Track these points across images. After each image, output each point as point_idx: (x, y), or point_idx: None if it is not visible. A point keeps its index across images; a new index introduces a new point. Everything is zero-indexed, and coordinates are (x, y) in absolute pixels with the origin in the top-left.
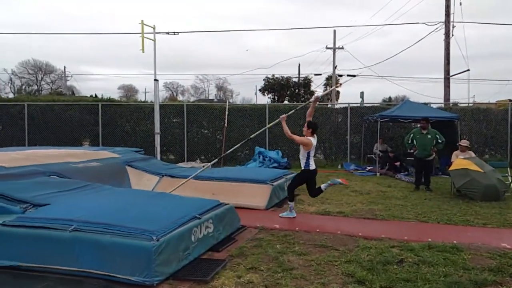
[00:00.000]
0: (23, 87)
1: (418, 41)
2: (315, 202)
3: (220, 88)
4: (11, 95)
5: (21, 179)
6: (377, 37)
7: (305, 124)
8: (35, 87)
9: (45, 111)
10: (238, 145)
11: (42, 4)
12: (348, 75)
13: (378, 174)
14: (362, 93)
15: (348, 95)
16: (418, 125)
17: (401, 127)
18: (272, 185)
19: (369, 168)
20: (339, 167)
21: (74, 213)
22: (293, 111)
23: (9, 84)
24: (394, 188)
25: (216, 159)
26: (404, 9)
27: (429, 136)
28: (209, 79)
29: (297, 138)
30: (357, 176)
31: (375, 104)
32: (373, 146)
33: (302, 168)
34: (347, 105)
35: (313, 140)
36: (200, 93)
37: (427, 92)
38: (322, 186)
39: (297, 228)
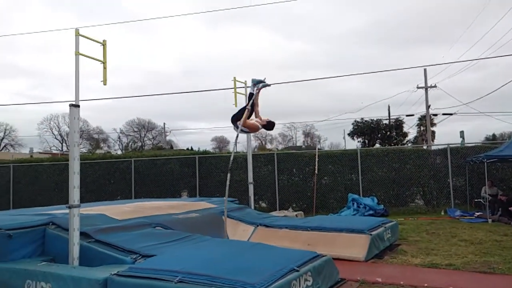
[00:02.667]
0: (130, 144)
1: None
2: (419, 253)
3: (307, 134)
4: (119, 152)
5: (131, 230)
6: (473, 72)
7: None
8: (139, 144)
9: (149, 166)
10: None
11: (145, 69)
12: (443, 114)
13: (489, 220)
14: (462, 132)
15: (446, 135)
16: None
17: None
18: (371, 234)
19: (477, 214)
20: (442, 213)
21: (179, 264)
22: (251, 102)
23: (118, 142)
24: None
25: None
26: (502, 40)
27: None
28: (296, 127)
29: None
30: (464, 223)
31: (478, 144)
32: (480, 189)
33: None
34: (446, 146)
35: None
36: (288, 140)
37: None
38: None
39: (402, 282)
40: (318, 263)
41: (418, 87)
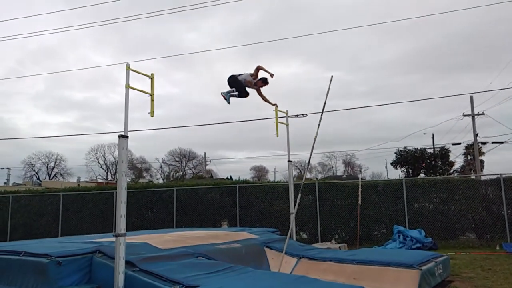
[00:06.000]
0: (171, 173)
1: None
2: None
3: (347, 163)
4: (161, 181)
5: (174, 260)
6: None
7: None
8: (180, 173)
9: (190, 195)
10: None
11: (186, 100)
12: (493, 142)
13: None
14: None
15: (497, 164)
16: None
17: None
18: (421, 269)
19: None
20: (498, 248)
21: None
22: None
23: (160, 171)
24: None
25: None
26: None
27: None
28: (336, 156)
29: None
30: None
31: None
32: None
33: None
34: (498, 176)
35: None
36: (328, 170)
37: None
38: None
39: None
40: None
41: (464, 115)
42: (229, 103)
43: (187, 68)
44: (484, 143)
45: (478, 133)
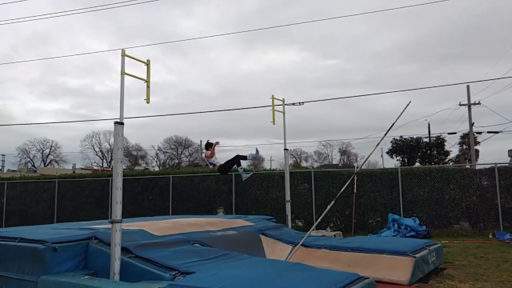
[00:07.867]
0: (167, 161)
1: None
2: (467, 278)
3: (343, 152)
4: (156, 169)
5: (170, 247)
6: None
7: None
8: (176, 161)
9: (186, 182)
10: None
11: (183, 88)
12: (488, 132)
13: None
14: (510, 151)
15: (491, 154)
16: None
17: None
18: (415, 257)
19: None
20: (490, 236)
21: (219, 283)
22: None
23: (156, 159)
24: None
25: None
26: None
27: None
28: (332, 144)
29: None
30: None
31: None
32: None
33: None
34: (493, 165)
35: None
36: (324, 158)
37: None
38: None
39: None
40: (361, 285)
41: (460, 104)
42: (248, 174)
43: (183, 56)
44: (480, 133)
45: (474, 123)
